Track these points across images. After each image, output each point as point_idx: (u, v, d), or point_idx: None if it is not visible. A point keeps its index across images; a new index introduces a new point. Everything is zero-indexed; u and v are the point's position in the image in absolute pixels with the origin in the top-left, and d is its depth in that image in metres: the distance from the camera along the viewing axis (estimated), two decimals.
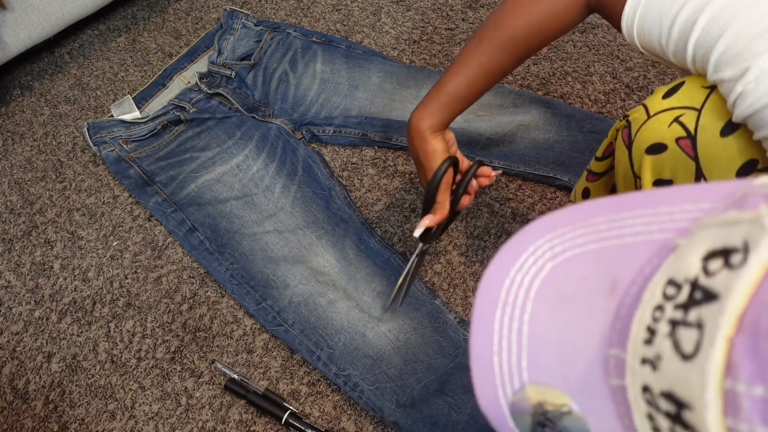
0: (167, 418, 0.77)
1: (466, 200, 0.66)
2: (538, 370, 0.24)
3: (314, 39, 1.13)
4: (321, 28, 1.20)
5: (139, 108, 1.07)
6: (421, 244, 0.68)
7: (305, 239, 0.88)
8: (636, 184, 0.49)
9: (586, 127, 0.96)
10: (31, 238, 0.97)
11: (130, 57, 1.22)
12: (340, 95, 1.05)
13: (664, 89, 0.48)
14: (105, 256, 0.93)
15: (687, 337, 0.17)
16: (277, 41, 1.12)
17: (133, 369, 0.82)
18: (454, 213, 0.66)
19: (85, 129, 1.02)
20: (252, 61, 1.09)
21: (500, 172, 0.66)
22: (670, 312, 0.19)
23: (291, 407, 0.74)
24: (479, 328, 0.26)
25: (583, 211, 0.25)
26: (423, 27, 1.17)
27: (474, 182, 0.65)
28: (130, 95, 1.08)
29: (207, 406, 0.77)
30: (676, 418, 0.18)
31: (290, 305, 0.82)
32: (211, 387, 0.79)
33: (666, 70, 1.06)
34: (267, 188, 0.93)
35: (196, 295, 0.87)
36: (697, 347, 0.17)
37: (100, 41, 1.26)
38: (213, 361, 0.81)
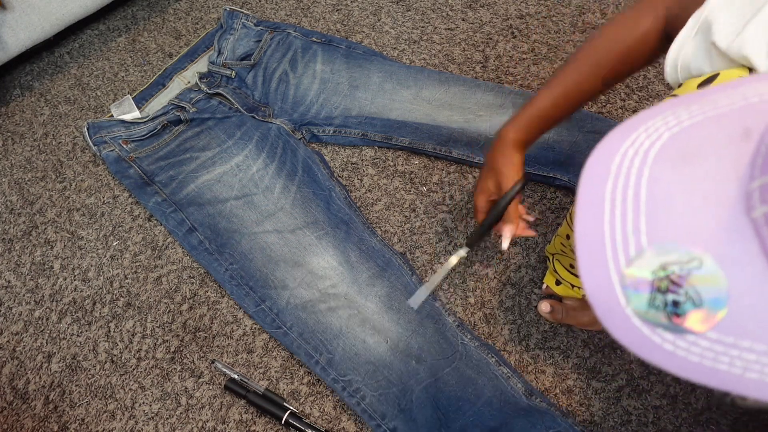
0: (167, 418, 0.77)
1: (509, 229, 0.64)
2: (660, 230, 0.23)
3: (314, 39, 1.13)
4: (321, 28, 1.20)
5: (139, 108, 1.07)
6: (467, 249, 0.70)
7: (305, 239, 0.88)
8: None
9: (586, 127, 0.96)
10: (31, 238, 0.97)
11: (130, 57, 1.22)
12: (340, 95, 1.04)
13: (698, 80, 0.48)
14: (105, 256, 0.93)
15: None
16: (277, 41, 1.12)
17: (133, 369, 0.82)
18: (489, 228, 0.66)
19: (85, 129, 1.02)
20: (252, 61, 1.09)
21: (535, 226, 0.67)
22: None
23: (291, 407, 0.74)
24: (587, 202, 0.25)
25: (693, 95, 0.25)
26: (423, 27, 1.17)
27: (522, 222, 0.66)
28: (130, 95, 1.08)
29: (207, 406, 0.77)
30: None
31: (288, 307, 0.82)
32: (211, 387, 0.79)
33: None
34: (267, 188, 0.93)
35: (196, 295, 0.87)
36: None
37: (100, 41, 1.26)
38: (213, 361, 0.81)
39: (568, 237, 0.66)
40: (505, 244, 0.64)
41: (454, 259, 0.71)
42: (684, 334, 0.22)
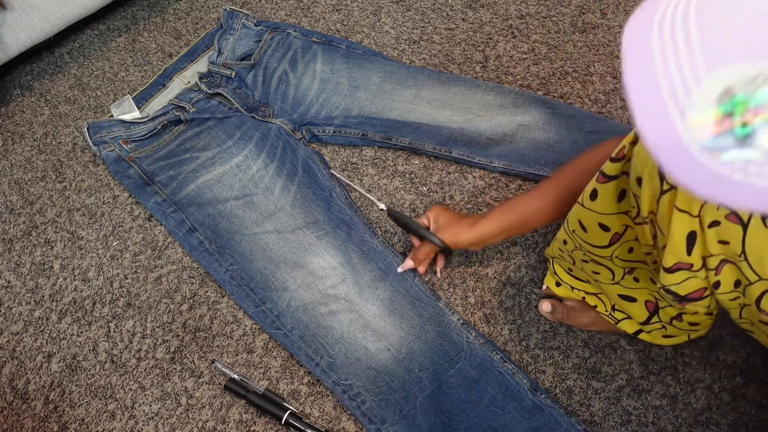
0: (167, 418, 0.77)
1: (407, 264, 0.82)
2: (719, 56, 0.22)
3: (314, 39, 1.13)
4: (321, 28, 1.20)
5: (139, 108, 1.07)
6: (383, 207, 0.88)
7: (305, 239, 0.88)
8: (662, 186, 0.47)
9: (586, 127, 0.96)
10: (31, 238, 0.97)
11: (130, 57, 1.22)
12: (340, 95, 1.04)
13: None
14: (105, 256, 0.93)
15: None
16: (277, 41, 1.12)
17: (133, 369, 0.82)
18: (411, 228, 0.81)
19: (85, 129, 1.02)
20: (252, 61, 1.09)
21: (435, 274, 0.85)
22: None
23: (291, 407, 0.74)
24: (634, 56, 0.24)
25: None
26: (423, 27, 1.17)
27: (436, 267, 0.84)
28: (130, 95, 1.08)
29: (207, 406, 0.77)
30: None
31: (288, 309, 0.82)
32: (211, 387, 0.79)
33: None
34: (267, 188, 0.93)
35: (196, 295, 0.87)
36: None
37: (100, 41, 1.26)
38: (213, 361, 0.81)
39: (565, 242, 0.66)
40: (399, 268, 0.83)
41: (369, 193, 0.84)
42: (755, 157, 0.22)
